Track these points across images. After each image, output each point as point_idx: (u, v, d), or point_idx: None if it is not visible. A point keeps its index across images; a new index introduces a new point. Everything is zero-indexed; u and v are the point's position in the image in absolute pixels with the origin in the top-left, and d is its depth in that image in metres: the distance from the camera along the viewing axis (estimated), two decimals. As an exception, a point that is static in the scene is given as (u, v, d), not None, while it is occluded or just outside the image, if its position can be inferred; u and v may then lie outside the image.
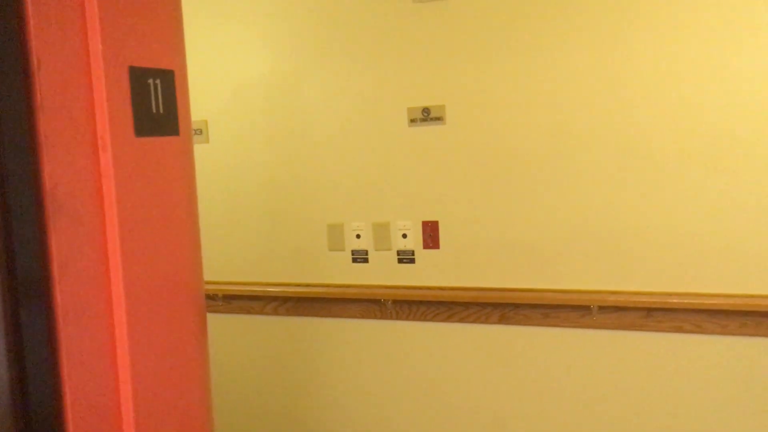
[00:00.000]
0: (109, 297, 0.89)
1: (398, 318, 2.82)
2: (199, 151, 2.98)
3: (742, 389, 2.43)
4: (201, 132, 2.99)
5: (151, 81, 0.96)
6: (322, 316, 2.93)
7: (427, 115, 2.68)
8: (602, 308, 2.54)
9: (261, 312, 3.02)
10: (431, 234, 2.74)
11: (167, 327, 0.96)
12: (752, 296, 2.37)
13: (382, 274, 2.82)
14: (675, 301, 2.44)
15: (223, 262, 3.04)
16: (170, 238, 0.98)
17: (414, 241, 2.76)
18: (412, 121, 2.70)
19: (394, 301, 2.81)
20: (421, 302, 2.78)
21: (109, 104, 0.89)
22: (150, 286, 0.94)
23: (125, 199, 0.91)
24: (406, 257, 2.78)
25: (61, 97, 0.85)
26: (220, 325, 3.08)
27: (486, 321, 2.70)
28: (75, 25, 0.87)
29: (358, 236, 2.83)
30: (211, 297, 3.05)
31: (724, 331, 2.42)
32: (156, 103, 0.97)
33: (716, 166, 2.37)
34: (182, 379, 0.99)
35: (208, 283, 3.04)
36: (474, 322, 2.72)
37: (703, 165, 2.38)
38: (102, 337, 0.88)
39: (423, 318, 2.79)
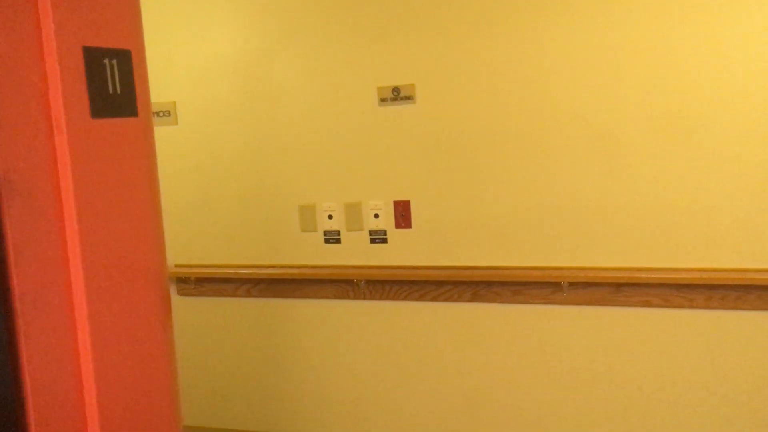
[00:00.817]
0: (68, 281, 0.88)
1: (371, 298, 2.83)
2: (168, 133, 2.95)
3: (708, 361, 2.48)
4: (169, 114, 2.95)
5: (107, 61, 0.95)
6: (294, 297, 2.93)
7: (397, 95, 2.67)
8: (572, 284, 2.57)
9: (234, 294, 3.01)
10: (403, 213, 2.74)
11: (129, 310, 0.96)
12: (718, 270, 2.41)
13: (354, 254, 2.83)
14: (643, 276, 2.48)
15: (195, 245, 3.03)
16: (130, 220, 0.97)
17: (386, 221, 2.76)
18: (383, 100, 2.69)
19: (367, 281, 2.82)
20: (393, 282, 2.79)
21: (63, 86, 0.87)
22: (110, 270, 0.93)
23: (82, 181, 0.89)
24: (378, 237, 2.78)
25: (13, 79, 0.83)
26: (192, 308, 3.07)
27: (459, 299, 2.72)
28: (25, 5, 0.85)
29: (330, 217, 2.82)
30: (183, 280, 3.04)
31: (691, 305, 2.46)
32: (113, 84, 0.96)
33: (681, 143, 2.40)
34: (146, 363, 0.99)
35: (179, 266, 3.03)
36: (447, 300, 2.74)
37: (668, 142, 2.41)
38: (61, 321, 0.87)
39: (396, 297, 2.80)
